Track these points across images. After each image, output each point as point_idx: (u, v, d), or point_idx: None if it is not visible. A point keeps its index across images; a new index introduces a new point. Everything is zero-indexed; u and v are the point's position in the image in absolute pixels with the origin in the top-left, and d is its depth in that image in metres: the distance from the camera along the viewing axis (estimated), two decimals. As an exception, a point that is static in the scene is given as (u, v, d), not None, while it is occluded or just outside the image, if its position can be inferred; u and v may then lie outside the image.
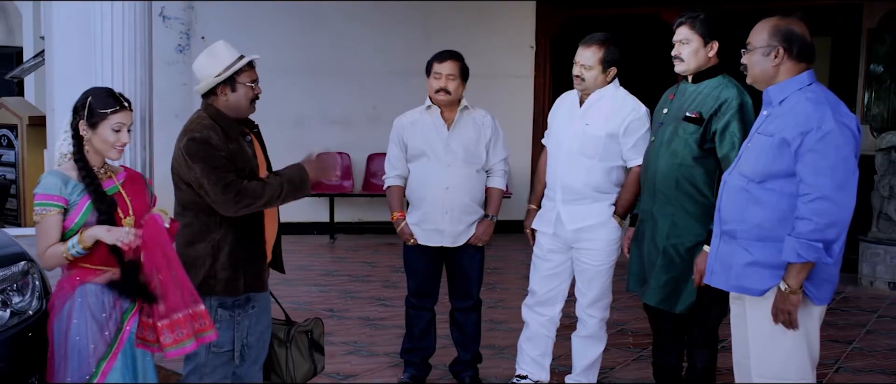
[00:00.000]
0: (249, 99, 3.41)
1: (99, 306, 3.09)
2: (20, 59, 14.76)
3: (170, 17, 9.29)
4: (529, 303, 4.42)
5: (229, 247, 3.34)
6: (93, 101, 3.08)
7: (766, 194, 3.02)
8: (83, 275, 3.09)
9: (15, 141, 10.22)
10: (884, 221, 7.24)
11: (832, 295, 3.09)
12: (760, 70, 3.09)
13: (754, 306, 3.09)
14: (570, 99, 4.27)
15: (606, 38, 4.09)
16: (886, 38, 8.48)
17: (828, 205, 2.86)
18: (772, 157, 2.99)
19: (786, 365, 3.05)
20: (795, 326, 2.98)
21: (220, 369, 3.43)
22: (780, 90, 3.07)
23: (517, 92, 9.98)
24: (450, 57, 4.35)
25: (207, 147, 3.26)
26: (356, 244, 9.25)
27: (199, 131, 3.30)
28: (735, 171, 3.17)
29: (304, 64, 9.22)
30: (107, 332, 3.10)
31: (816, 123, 2.90)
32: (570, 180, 4.13)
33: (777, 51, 3.04)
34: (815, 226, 2.86)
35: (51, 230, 3.03)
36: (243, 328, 3.45)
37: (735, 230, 3.11)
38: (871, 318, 6.18)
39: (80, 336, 3.06)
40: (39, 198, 3.04)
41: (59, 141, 3.16)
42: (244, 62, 3.37)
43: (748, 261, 3.07)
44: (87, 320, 3.07)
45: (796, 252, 2.89)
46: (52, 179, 3.05)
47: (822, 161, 2.88)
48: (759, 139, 3.08)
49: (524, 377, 4.44)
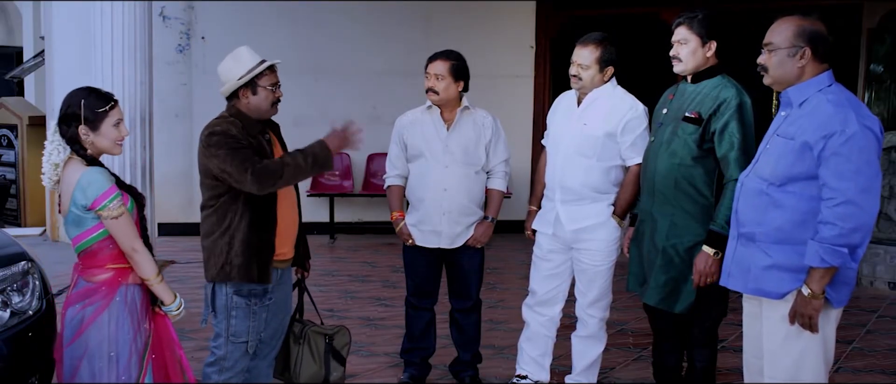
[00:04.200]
0: (270, 102, 3.53)
1: (137, 306, 3.16)
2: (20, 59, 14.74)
3: (170, 17, 9.30)
4: (530, 303, 4.42)
5: (242, 234, 3.42)
6: (87, 103, 3.10)
7: (786, 197, 2.98)
8: (123, 275, 3.14)
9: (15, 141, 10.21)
10: (884, 221, 7.25)
11: (849, 296, 3.05)
12: (783, 71, 3.03)
13: (771, 308, 3.06)
14: (569, 99, 4.27)
15: (603, 37, 4.08)
16: (886, 38, 8.48)
17: (853, 210, 2.81)
18: (792, 160, 2.94)
19: (799, 367, 3.02)
20: (816, 330, 2.95)
21: (239, 361, 3.52)
22: (800, 92, 3.02)
23: (517, 92, 9.98)
24: (438, 57, 4.33)
25: (227, 136, 3.38)
26: (356, 244, 9.25)
27: (220, 125, 3.45)
28: (752, 174, 3.13)
29: (304, 64, 9.22)
30: (144, 327, 3.18)
31: (840, 126, 2.85)
32: (568, 180, 4.13)
33: (804, 51, 2.99)
34: (840, 230, 2.82)
35: (130, 220, 3.09)
36: (260, 320, 3.52)
37: (753, 233, 3.07)
38: (871, 318, 6.18)
39: (130, 335, 3.12)
40: (107, 194, 3.03)
41: (49, 150, 3.14)
42: (264, 66, 3.49)
43: (767, 264, 3.03)
44: (129, 320, 3.13)
45: (820, 257, 2.85)
46: (99, 175, 3.06)
47: (846, 164, 2.83)
48: (778, 141, 3.03)
49: (524, 377, 4.44)
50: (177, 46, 9.38)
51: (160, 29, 8.87)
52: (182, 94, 9.39)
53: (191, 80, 9.38)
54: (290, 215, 3.61)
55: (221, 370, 3.51)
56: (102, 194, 3.03)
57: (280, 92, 3.56)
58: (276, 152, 3.60)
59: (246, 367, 3.56)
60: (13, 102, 10.69)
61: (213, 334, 3.57)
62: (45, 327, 3.59)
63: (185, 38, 9.39)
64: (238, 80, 3.45)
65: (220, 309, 3.49)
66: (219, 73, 3.54)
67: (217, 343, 3.52)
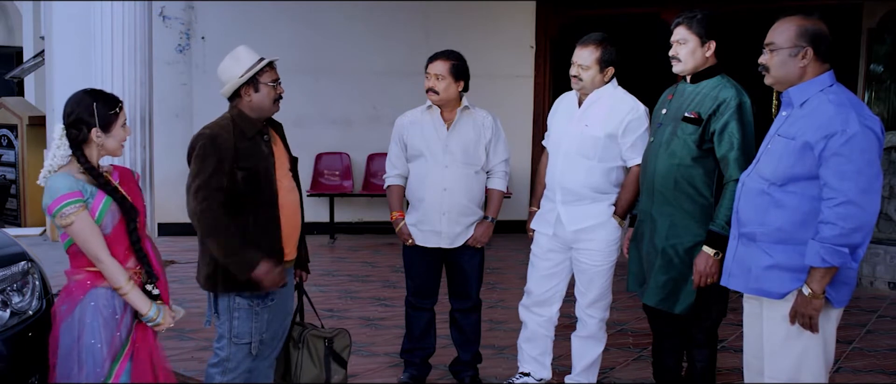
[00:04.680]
0: (272, 98, 3.53)
1: (110, 309, 3.12)
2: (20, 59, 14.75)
3: (170, 17, 9.30)
4: (526, 303, 4.42)
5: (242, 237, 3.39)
6: (98, 107, 3.10)
7: (787, 197, 2.98)
8: (93, 278, 3.12)
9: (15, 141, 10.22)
10: (884, 221, 7.25)
11: (850, 296, 3.06)
12: (785, 71, 3.03)
13: (772, 308, 3.06)
14: (569, 100, 4.27)
15: (603, 37, 4.08)
16: (886, 38, 8.48)
17: (854, 210, 2.82)
18: (793, 161, 2.95)
19: (800, 367, 3.02)
20: (816, 330, 2.95)
21: (243, 362, 3.52)
22: (802, 92, 3.02)
23: (517, 92, 9.98)
24: (439, 57, 4.33)
25: (213, 146, 3.36)
26: (356, 244, 9.25)
27: (212, 128, 3.44)
28: (753, 173, 3.13)
29: (304, 64, 9.21)
30: (118, 334, 3.13)
31: (841, 126, 2.85)
32: (569, 181, 4.13)
33: (806, 51, 2.99)
34: (840, 230, 2.82)
35: (92, 228, 3.03)
36: (263, 320, 3.52)
37: (754, 233, 3.07)
38: (871, 318, 6.18)
39: (94, 339, 3.09)
40: (60, 200, 3.00)
41: (51, 153, 3.14)
42: (264, 63, 3.49)
43: (768, 264, 3.04)
44: (99, 322, 3.10)
45: (821, 257, 2.85)
46: (62, 180, 3.05)
47: (847, 165, 2.83)
48: (779, 141, 3.03)
49: (527, 374, 4.44)
50: (177, 46, 9.37)
51: (160, 29, 8.87)
52: (182, 94, 9.39)
53: (191, 80, 9.38)
54: (294, 217, 3.61)
55: (225, 371, 3.50)
56: (55, 200, 3.01)
57: (281, 88, 3.56)
58: (278, 151, 3.59)
59: (249, 368, 3.56)
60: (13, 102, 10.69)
61: (216, 335, 3.57)
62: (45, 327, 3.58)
63: (185, 38, 9.39)
64: (239, 79, 3.45)
65: (222, 310, 3.49)
66: (219, 74, 3.54)
67: (220, 344, 3.52)
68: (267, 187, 3.47)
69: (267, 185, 3.47)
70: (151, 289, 3.18)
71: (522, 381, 4.44)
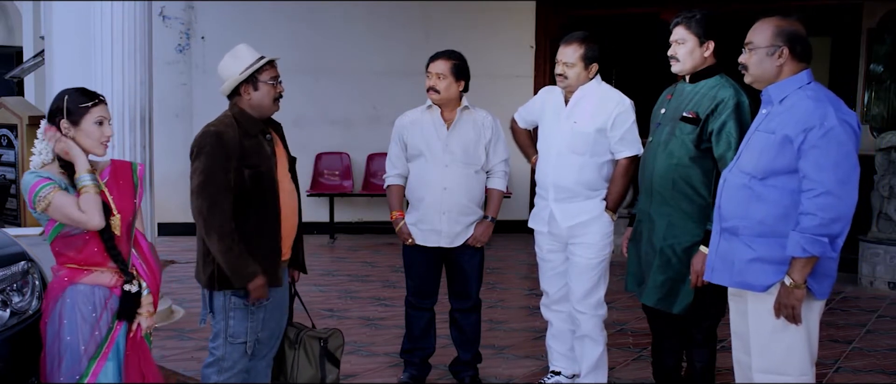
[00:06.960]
0: (272, 97, 3.52)
1: (89, 306, 3.11)
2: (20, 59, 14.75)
3: (170, 17, 9.30)
4: (545, 302, 4.44)
5: (242, 236, 3.39)
6: (69, 99, 3.11)
7: (768, 191, 3.05)
8: (72, 275, 3.12)
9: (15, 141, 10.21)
10: (884, 221, 7.25)
11: (831, 289, 3.13)
12: (762, 70, 3.12)
13: (756, 302, 3.11)
14: (556, 97, 4.29)
15: (585, 35, 4.15)
16: (886, 38, 8.48)
17: (832, 200, 2.90)
18: (774, 154, 3.02)
19: (787, 359, 3.08)
20: (799, 321, 3.02)
21: (238, 362, 3.51)
22: (780, 89, 3.11)
23: (517, 92, 9.93)
24: (440, 56, 4.35)
25: (219, 143, 3.36)
26: (356, 244, 9.25)
27: (217, 125, 3.43)
28: (735, 169, 3.20)
29: (304, 64, 9.21)
30: (97, 332, 3.12)
31: (819, 120, 2.94)
32: (562, 179, 4.15)
33: (782, 51, 3.08)
34: (820, 221, 2.90)
35: (69, 198, 3.01)
36: (258, 320, 3.50)
37: (737, 227, 3.13)
38: (871, 318, 6.18)
39: (71, 336, 3.09)
40: (34, 188, 3.01)
41: (37, 150, 3.14)
42: (264, 61, 3.49)
43: (751, 258, 3.09)
44: (77, 320, 3.09)
45: (801, 247, 2.93)
46: (30, 177, 3.06)
47: (825, 157, 2.92)
48: (759, 136, 3.11)
49: (558, 373, 4.46)
50: (177, 46, 9.38)
51: (160, 29, 8.86)
52: (182, 93, 9.39)
53: (191, 80, 9.38)
54: (292, 218, 3.61)
55: (220, 371, 3.50)
56: (29, 191, 3.02)
57: (281, 87, 3.55)
58: (279, 151, 3.59)
59: (245, 368, 3.55)
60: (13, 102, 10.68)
61: (211, 334, 3.57)
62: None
63: (184, 38, 9.39)
64: (239, 76, 3.45)
65: (218, 309, 3.48)
66: (219, 72, 3.53)
67: (216, 343, 3.51)
68: (270, 187, 3.47)
69: (270, 185, 3.47)
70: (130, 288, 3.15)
71: (554, 381, 4.45)
